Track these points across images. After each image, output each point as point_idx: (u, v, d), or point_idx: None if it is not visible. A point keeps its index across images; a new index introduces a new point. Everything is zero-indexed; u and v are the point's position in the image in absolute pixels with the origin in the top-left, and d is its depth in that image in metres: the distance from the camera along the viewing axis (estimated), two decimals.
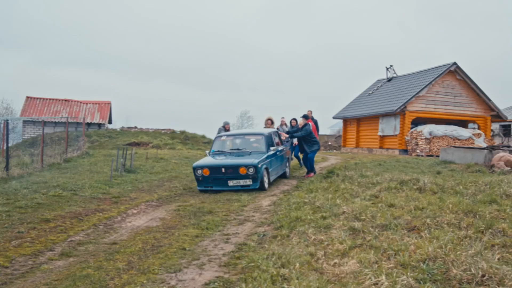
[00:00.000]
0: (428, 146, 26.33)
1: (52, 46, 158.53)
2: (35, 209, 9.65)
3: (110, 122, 39.54)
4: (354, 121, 33.11)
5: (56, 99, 37.09)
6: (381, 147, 29.55)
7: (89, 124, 35.19)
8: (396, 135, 28.23)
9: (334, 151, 34.17)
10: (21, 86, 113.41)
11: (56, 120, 33.93)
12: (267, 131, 14.17)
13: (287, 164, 15.23)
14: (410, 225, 6.91)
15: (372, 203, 8.69)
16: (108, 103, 37.96)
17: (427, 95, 28.10)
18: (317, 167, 18.16)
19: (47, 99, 36.96)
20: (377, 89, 34.01)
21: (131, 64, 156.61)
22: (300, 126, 15.09)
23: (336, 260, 5.71)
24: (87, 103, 37.28)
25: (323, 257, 5.89)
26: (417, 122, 28.88)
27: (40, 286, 5.36)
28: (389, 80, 34.05)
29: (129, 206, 10.40)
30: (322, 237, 6.73)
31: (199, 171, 12.15)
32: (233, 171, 11.93)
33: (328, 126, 67.04)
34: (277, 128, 17.06)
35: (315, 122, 18.15)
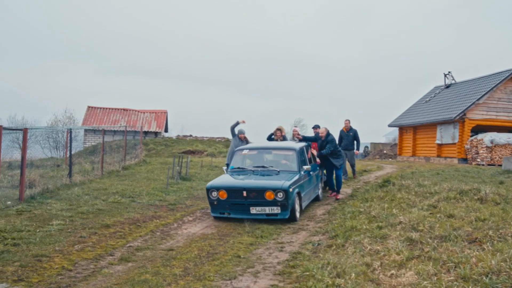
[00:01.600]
0: (490, 154, 25.42)
1: (112, 57, 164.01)
2: (96, 214, 9.98)
3: (166, 130, 40.41)
4: (410, 129, 32.42)
5: (115, 109, 38.28)
6: (438, 156, 28.78)
7: (146, 133, 36.10)
8: (454, 144, 27.43)
9: (390, 159, 33.55)
10: (82, 95, 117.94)
11: (115, 129, 35.02)
12: (298, 145, 11.58)
13: (320, 185, 12.91)
14: (471, 237, 6.69)
15: (430, 213, 8.47)
16: (164, 112, 38.82)
17: (488, 102, 27.18)
18: (372, 175, 17.87)
19: (106, 108, 38.21)
20: (434, 96, 33.19)
21: (187, 73, 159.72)
22: (322, 136, 12.67)
23: (393, 271, 5.60)
24: (144, 112, 38.27)
25: (380, 268, 5.80)
26: (477, 130, 27.94)
27: None
28: (448, 86, 33.17)
29: (185, 213, 10.59)
30: (378, 247, 6.63)
31: (214, 193, 9.63)
32: (257, 195, 9.32)
33: (383, 134, 65.90)
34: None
35: (355, 133, 16.21)
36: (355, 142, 16.23)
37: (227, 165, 11.49)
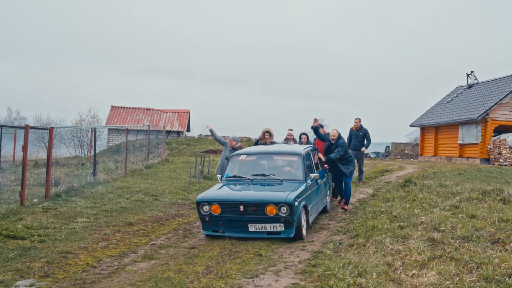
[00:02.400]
0: None
1: (137, 58, 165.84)
2: (120, 212, 10.14)
3: (188, 130, 40.67)
4: (432, 129, 32.10)
5: (138, 108, 38.68)
6: (460, 156, 28.44)
7: (168, 132, 36.40)
8: (477, 144, 27.07)
9: (411, 159, 33.27)
10: (106, 95, 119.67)
11: (138, 128, 35.39)
12: (304, 148, 9.95)
13: (329, 194, 11.14)
14: (493, 238, 6.64)
15: (452, 214, 8.43)
16: (186, 112, 39.09)
17: (511, 102, 26.77)
18: (393, 175, 17.77)
19: (130, 108, 38.63)
20: (456, 96, 32.81)
21: (211, 74, 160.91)
22: (332, 139, 10.98)
23: (414, 271, 5.61)
24: (167, 112, 38.59)
25: (401, 268, 5.80)
26: (500, 130, 27.53)
27: (125, 286, 5.65)
28: (470, 86, 32.74)
29: None
30: (399, 247, 6.63)
31: (206, 208, 8.18)
32: (256, 210, 7.94)
33: (404, 134, 65.31)
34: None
35: (365, 132, 14.89)
36: (365, 142, 15.01)
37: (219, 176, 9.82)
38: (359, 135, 14.85)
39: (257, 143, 11.79)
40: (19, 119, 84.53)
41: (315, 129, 11.22)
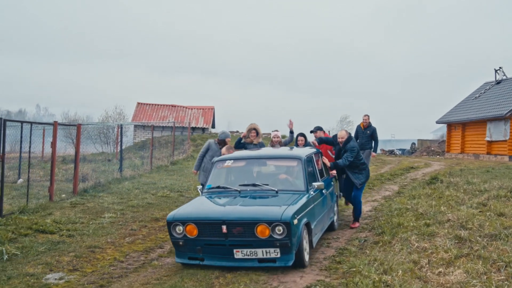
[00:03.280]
0: None
1: (163, 56, 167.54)
2: (146, 208, 10.27)
3: (213, 126, 40.81)
4: (459, 125, 31.63)
5: (164, 105, 38.97)
6: (488, 153, 27.96)
7: (193, 129, 36.60)
8: (505, 141, 26.57)
9: (437, 156, 32.86)
10: (132, 92, 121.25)
11: (164, 125, 35.66)
12: (304, 152, 7.97)
13: (336, 206, 8.98)
14: None
15: (480, 212, 8.32)
16: (211, 108, 39.24)
17: None
18: (419, 172, 17.58)
19: (155, 104, 38.94)
20: (484, 92, 32.25)
21: (237, 71, 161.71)
22: (340, 142, 8.77)
23: (441, 269, 5.56)
24: (192, 108, 38.79)
25: (427, 266, 5.76)
26: None
27: (152, 281, 5.74)
28: (498, 82, 32.15)
29: None
30: (425, 245, 6.57)
31: (179, 229, 6.33)
32: (244, 230, 6.10)
33: (430, 131, 64.56)
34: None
35: (373, 131, 13.25)
36: (373, 144, 13.35)
37: (202, 185, 7.91)
38: (366, 134, 13.34)
39: (239, 143, 9.58)
40: (47, 115, 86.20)
41: (320, 141, 9.38)
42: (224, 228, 6.10)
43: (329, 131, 33.12)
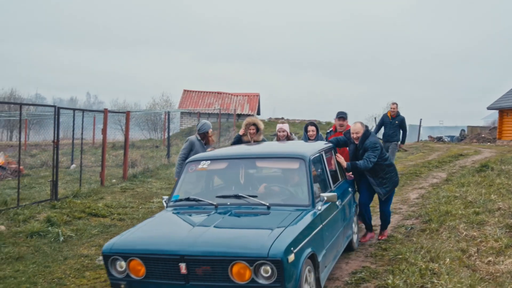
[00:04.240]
0: None
1: (209, 43, 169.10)
2: None
3: (258, 113, 40.94)
4: (511, 112, 30.62)
5: (210, 92, 39.34)
6: None
7: (239, 115, 36.79)
8: None
9: (488, 143, 31.94)
10: (178, 80, 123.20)
11: (210, 112, 36.04)
12: (311, 149, 5.77)
13: (354, 221, 6.59)
14: None
15: None
16: (256, 95, 39.34)
17: None
18: (468, 160, 17.12)
19: (201, 91, 39.36)
20: None
21: (283, 58, 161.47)
22: (355, 137, 6.64)
23: (490, 258, 5.47)
24: (237, 95, 39.01)
25: (476, 254, 5.68)
26: None
27: None
28: None
29: None
30: (474, 233, 6.47)
31: (120, 265, 4.32)
32: (212, 271, 4.05)
33: (481, 117, 62.70)
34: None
35: (401, 120, 11.62)
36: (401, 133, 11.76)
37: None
38: (395, 124, 11.69)
39: (238, 141, 7.50)
40: (97, 103, 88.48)
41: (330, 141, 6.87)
42: (183, 267, 4.03)
43: (375, 118, 32.64)
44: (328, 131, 7.51)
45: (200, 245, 4.04)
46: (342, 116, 7.53)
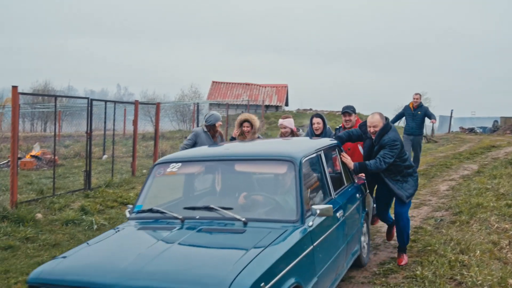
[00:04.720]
0: None
1: (239, 34, 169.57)
2: None
3: (286, 104, 40.88)
4: None
5: (238, 83, 39.45)
6: None
7: (267, 107, 36.84)
8: None
9: None
10: (207, 71, 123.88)
11: (238, 103, 36.16)
12: (306, 147, 4.73)
13: (363, 232, 5.58)
14: None
15: None
16: (285, 86, 39.27)
17: None
18: (501, 151, 16.80)
19: (230, 83, 39.51)
20: None
21: (310, 48, 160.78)
22: (371, 131, 5.45)
23: None
24: (265, 87, 39.02)
25: (508, 247, 5.63)
26: None
27: None
28: None
29: None
30: (506, 226, 6.41)
31: None
32: None
33: None
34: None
35: (425, 111, 11.01)
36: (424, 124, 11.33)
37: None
38: (418, 115, 10.93)
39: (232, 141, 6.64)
40: (127, 95, 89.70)
41: (339, 137, 5.80)
42: None
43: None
44: (337, 127, 6.81)
45: (143, 277, 3.09)
46: (346, 111, 6.47)
